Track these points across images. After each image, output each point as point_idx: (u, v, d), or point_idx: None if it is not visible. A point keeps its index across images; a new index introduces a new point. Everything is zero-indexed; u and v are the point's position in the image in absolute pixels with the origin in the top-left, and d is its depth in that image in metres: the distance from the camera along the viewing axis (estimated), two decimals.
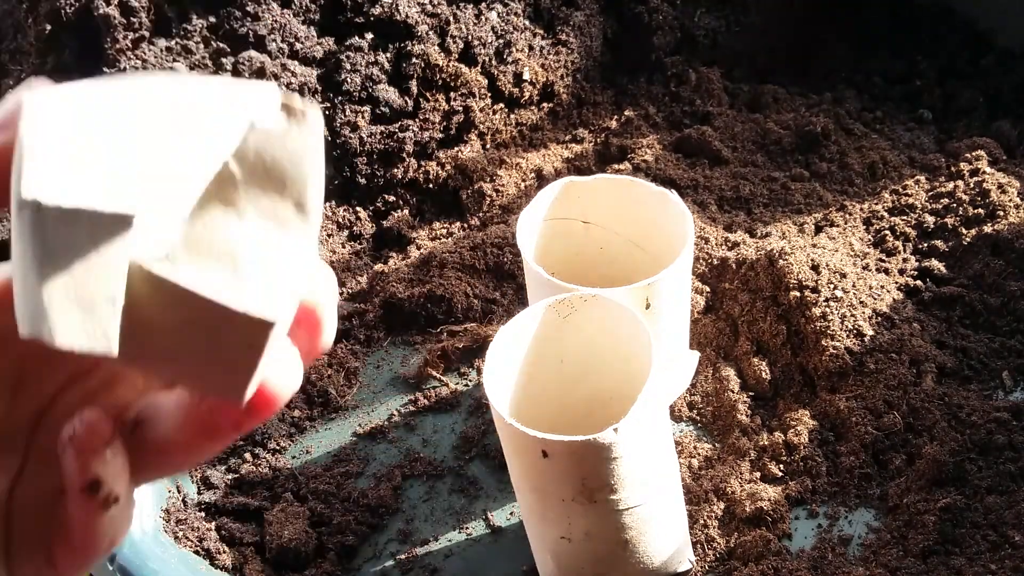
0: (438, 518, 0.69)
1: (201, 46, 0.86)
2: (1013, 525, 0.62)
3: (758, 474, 0.68)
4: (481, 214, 0.90)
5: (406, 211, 0.91)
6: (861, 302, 0.74)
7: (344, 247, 0.90)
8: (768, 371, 0.74)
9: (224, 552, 0.67)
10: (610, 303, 0.57)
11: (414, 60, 0.89)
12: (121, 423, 0.27)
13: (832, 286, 0.74)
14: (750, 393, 0.73)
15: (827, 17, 1.07)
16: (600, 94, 1.02)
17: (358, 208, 0.91)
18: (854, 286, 0.75)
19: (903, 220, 0.84)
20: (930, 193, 0.86)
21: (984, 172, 0.85)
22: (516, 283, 0.84)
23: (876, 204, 0.86)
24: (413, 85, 0.90)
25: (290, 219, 0.21)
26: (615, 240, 0.71)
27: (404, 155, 0.90)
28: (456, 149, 0.93)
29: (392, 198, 0.92)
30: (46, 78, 0.22)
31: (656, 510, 0.56)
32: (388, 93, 0.89)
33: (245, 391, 0.23)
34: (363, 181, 0.90)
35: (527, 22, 0.97)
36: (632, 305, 0.56)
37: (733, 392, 0.73)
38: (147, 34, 0.85)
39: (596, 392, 0.63)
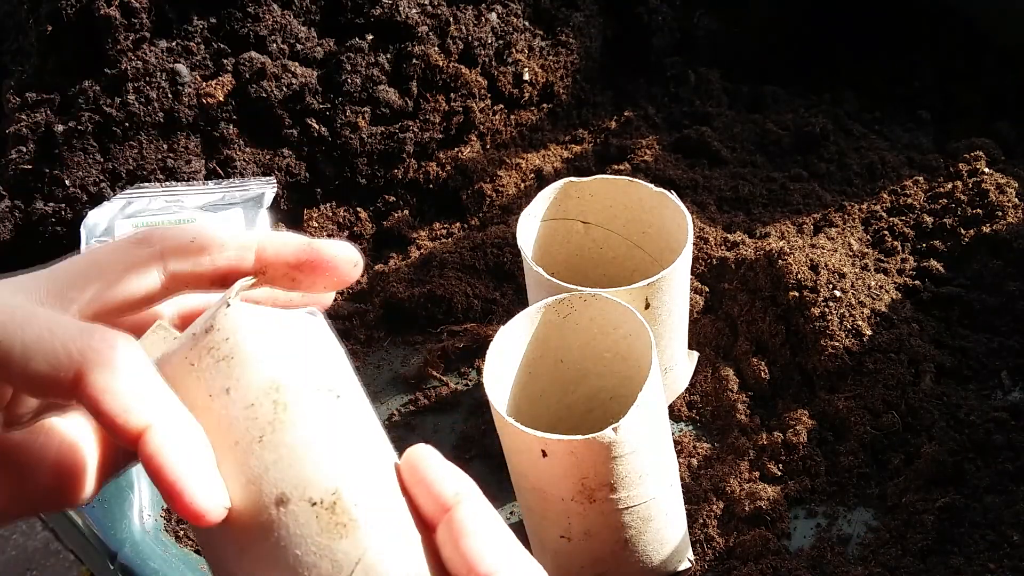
0: None
1: (202, 47, 0.86)
2: (1012, 524, 0.62)
3: (757, 473, 0.68)
4: (481, 214, 0.90)
5: (406, 211, 0.92)
6: (860, 302, 0.75)
7: None
8: (767, 371, 0.74)
9: None
10: (610, 303, 0.57)
11: (414, 61, 0.89)
12: None
13: (831, 286, 0.75)
14: (749, 393, 0.74)
15: (826, 17, 1.07)
16: (600, 94, 1.02)
17: (358, 208, 0.91)
18: (853, 286, 0.75)
19: (902, 220, 0.84)
20: (929, 193, 0.86)
21: (983, 172, 0.85)
22: (516, 283, 0.84)
23: (875, 204, 0.86)
24: (413, 86, 0.90)
25: None
26: (615, 240, 0.71)
27: (404, 156, 0.90)
28: (456, 150, 0.93)
29: (392, 198, 0.92)
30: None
31: (656, 509, 0.56)
32: (388, 94, 0.89)
33: None
34: (363, 182, 0.90)
35: (527, 23, 0.97)
36: (632, 305, 0.56)
37: (732, 392, 0.73)
38: (148, 35, 0.85)
39: (596, 392, 0.63)
